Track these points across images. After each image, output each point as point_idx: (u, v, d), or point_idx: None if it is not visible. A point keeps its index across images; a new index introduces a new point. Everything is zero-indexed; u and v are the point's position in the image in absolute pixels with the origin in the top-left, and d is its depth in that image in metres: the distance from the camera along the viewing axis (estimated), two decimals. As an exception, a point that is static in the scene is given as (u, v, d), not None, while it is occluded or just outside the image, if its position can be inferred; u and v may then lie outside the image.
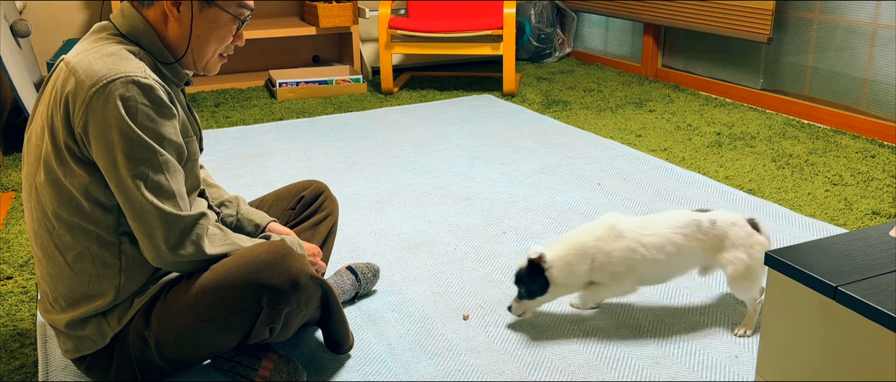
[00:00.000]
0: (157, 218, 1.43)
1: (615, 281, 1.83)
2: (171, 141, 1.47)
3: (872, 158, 3.11)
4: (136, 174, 1.41)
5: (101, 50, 1.45)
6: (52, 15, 4.32)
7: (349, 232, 2.49)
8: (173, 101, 1.50)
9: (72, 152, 1.44)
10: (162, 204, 1.43)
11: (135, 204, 1.43)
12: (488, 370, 1.74)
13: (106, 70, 1.40)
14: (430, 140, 3.47)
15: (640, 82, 4.57)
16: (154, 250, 1.46)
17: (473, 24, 4.24)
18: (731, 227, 1.81)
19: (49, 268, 1.54)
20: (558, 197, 2.76)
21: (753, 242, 1.80)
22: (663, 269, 1.84)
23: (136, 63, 1.44)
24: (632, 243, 1.80)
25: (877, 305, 1.11)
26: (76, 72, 1.42)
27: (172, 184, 1.46)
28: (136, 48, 1.50)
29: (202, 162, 3.18)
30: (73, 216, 1.48)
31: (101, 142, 1.40)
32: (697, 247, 1.82)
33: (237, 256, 1.52)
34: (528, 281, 1.83)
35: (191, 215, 1.48)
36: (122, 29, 1.51)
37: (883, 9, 3.33)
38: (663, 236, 1.81)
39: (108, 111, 1.39)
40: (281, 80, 4.28)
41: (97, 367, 1.59)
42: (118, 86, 1.39)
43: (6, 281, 2.20)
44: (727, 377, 1.71)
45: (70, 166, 1.45)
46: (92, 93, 1.39)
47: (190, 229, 1.47)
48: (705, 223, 1.81)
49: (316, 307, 1.60)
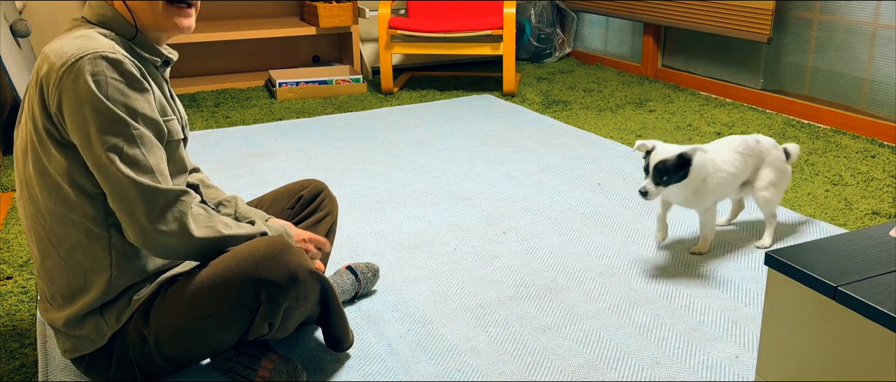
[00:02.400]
0: (134, 191, 1.42)
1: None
2: (145, 116, 1.46)
3: (872, 158, 3.11)
4: (110, 147, 1.41)
5: (70, 35, 1.48)
6: (52, 15, 4.32)
7: (349, 232, 2.49)
8: (146, 78, 1.50)
9: (52, 136, 1.45)
10: (139, 177, 1.42)
11: (112, 180, 1.42)
12: (488, 370, 1.74)
13: (75, 49, 1.42)
14: (430, 140, 3.47)
15: (640, 82, 4.57)
16: (136, 227, 1.44)
17: (473, 24, 4.24)
18: (773, 148, 2.29)
19: (45, 264, 1.55)
20: (558, 197, 2.76)
21: (785, 168, 2.30)
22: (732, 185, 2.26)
23: (104, 41, 1.45)
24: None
25: (877, 305, 1.11)
26: (48, 57, 1.44)
27: (149, 159, 1.45)
28: (107, 31, 1.51)
29: (200, 163, 3.18)
30: (61, 207, 1.48)
31: (74, 119, 1.41)
32: (749, 163, 2.26)
33: (235, 251, 1.52)
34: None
35: (171, 189, 1.46)
36: (91, 19, 1.53)
37: (883, 9, 3.33)
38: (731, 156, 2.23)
39: (79, 87, 1.40)
40: (281, 80, 4.28)
41: (97, 367, 1.59)
42: (86, 63, 1.40)
43: (6, 281, 2.20)
44: (727, 377, 1.71)
45: (52, 152, 1.46)
46: (62, 72, 1.40)
47: (172, 204, 1.46)
48: (751, 142, 2.26)
49: (315, 302, 1.60)
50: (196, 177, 1.83)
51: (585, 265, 2.24)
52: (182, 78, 4.71)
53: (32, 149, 1.48)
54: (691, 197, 2.18)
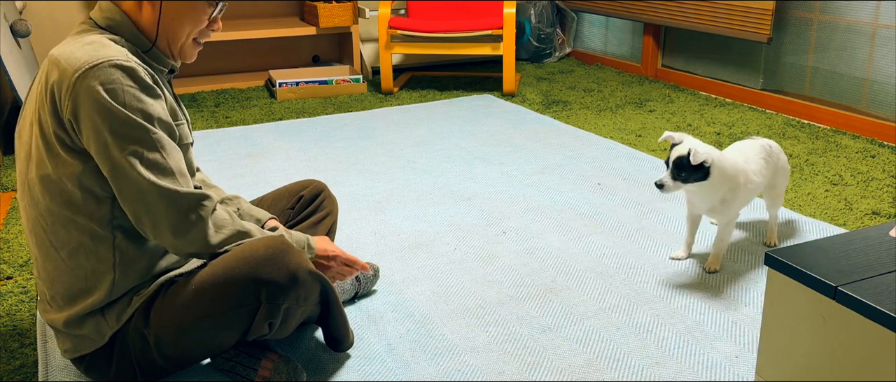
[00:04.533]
0: (157, 195, 1.43)
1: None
2: (161, 120, 1.47)
3: (872, 158, 3.11)
4: (131, 153, 1.41)
5: (81, 40, 1.47)
6: (52, 15, 4.32)
7: (349, 232, 2.49)
8: (158, 84, 1.50)
9: (62, 142, 1.45)
10: (160, 180, 1.43)
11: (132, 185, 1.42)
12: (488, 370, 1.74)
13: (87, 57, 1.41)
14: (430, 140, 3.47)
15: (640, 82, 4.57)
16: (156, 232, 1.45)
17: (473, 24, 4.24)
18: (781, 153, 2.29)
19: (46, 266, 1.54)
20: (558, 197, 2.76)
21: (788, 169, 2.33)
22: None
23: (117, 48, 1.45)
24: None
25: (877, 305, 1.11)
26: (59, 63, 1.43)
27: (169, 162, 1.45)
28: (117, 37, 1.51)
29: (200, 163, 3.18)
30: (65, 209, 1.48)
31: (90, 127, 1.41)
32: (770, 171, 2.24)
33: (236, 252, 1.52)
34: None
35: (194, 193, 1.47)
36: (101, 22, 1.53)
37: (883, 9, 3.33)
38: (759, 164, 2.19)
39: (94, 96, 1.39)
40: (281, 80, 4.28)
41: (97, 367, 1.59)
42: (101, 71, 1.40)
43: (6, 281, 2.20)
44: (727, 377, 1.71)
45: (61, 157, 1.45)
46: (75, 79, 1.40)
47: (194, 208, 1.46)
48: (767, 147, 2.24)
49: (315, 302, 1.60)
50: (197, 178, 1.83)
51: (585, 265, 2.24)
52: (182, 78, 4.71)
53: (37, 153, 1.48)
54: (718, 205, 2.11)
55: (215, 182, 2.94)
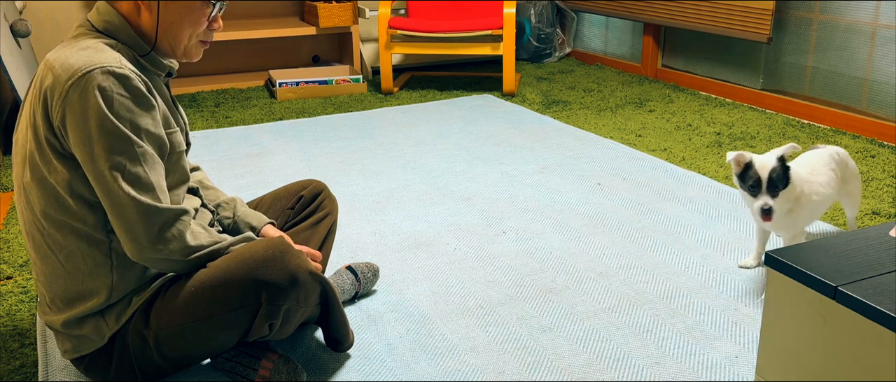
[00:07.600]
0: (134, 210, 1.42)
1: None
2: (149, 132, 1.46)
3: (872, 158, 3.11)
4: (114, 165, 1.41)
5: (77, 44, 1.47)
6: (52, 15, 4.31)
7: (349, 232, 2.49)
8: (152, 92, 1.50)
9: (53, 147, 1.45)
10: (140, 195, 1.42)
11: (112, 197, 1.42)
12: (488, 370, 1.74)
13: (81, 62, 1.41)
14: (430, 140, 3.47)
15: (640, 82, 4.57)
16: (133, 244, 1.44)
17: (473, 24, 4.24)
18: (849, 159, 2.19)
19: (43, 269, 1.54)
20: (558, 197, 2.76)
21: (858, 172, 2.24)
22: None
23: (111, 54, 1.45)
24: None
25: (877, 305, 1.11)
26: (53, 68, 1.43)
27: (151, 177, 1.44)
28: (113, 41, 1.50)
29: (200, 163, 3.18)
30: (60, 214, 1.48)
31: (78, 134, 1.40)
32: (838, 180, 2.13)
33: (236, 253, 1.52)
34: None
35: (171, 208, 1.46)
36: (98, 25, 1.52)
37: (883, 9, 3.33)
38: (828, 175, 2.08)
39: (85, 102, 1.39)
40: (281, 80, 4.28)
41: (97, 367, 1.59)
42: (94, 77, 1.39)
43: (6, 281, 2.20)
44: (727, 377, 1.71)
45: (52, 163, 1.45)
46: (68, 86, 1.39)
47: (170, 224, 1.46)
48: (835, 155, 2.14)
49: (315, 303, 1.60)
50: (195, 178, 1.83)
51: (585, 265, 2.24)
52: (182, 78, 4.71)
53: (31, 157, 1.48)
54: (783, 216, 1.97)
55: (215, 182, 2.94)
